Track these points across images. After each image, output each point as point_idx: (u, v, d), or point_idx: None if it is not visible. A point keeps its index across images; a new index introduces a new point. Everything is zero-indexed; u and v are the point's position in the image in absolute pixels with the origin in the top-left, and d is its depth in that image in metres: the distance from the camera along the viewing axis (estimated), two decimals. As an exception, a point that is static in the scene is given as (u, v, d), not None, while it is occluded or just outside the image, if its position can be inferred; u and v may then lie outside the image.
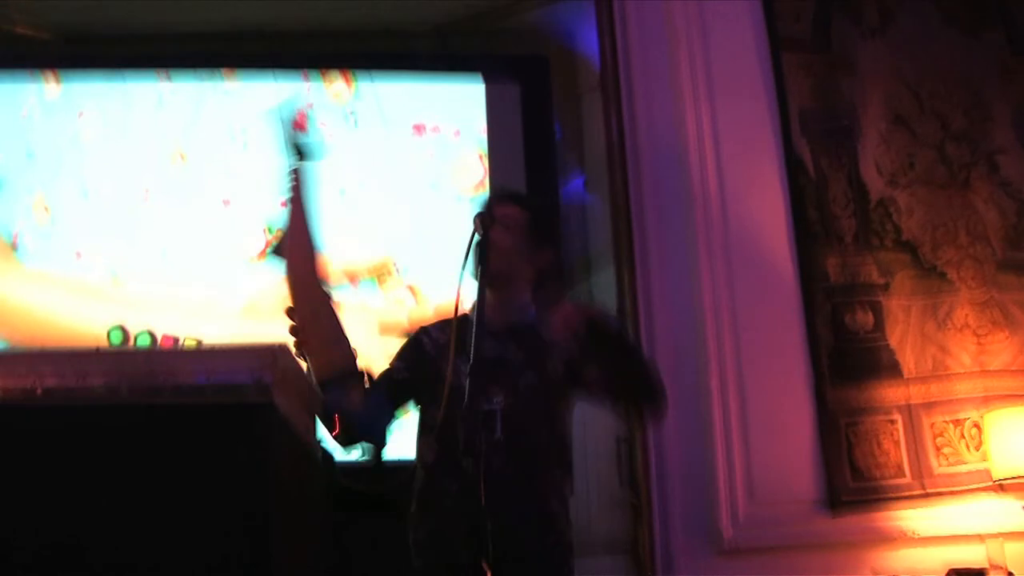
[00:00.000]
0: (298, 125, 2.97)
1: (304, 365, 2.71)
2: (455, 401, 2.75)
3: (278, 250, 2.91)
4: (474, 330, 2.52)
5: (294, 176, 2.93)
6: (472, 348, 2.49)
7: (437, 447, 2.90)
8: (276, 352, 1.96)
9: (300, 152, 2.95)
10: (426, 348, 3.13)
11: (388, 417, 2.91)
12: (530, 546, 2.85)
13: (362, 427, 2.73)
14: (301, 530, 2.16)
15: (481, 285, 2.67)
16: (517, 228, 3.09)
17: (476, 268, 2.74)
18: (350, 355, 2.85)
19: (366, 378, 2.88)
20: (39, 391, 2.03)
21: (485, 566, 2.26)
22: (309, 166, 2.95)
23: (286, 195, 2.92)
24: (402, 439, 3.02)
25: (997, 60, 4.92)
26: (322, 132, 3.04)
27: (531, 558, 2.84)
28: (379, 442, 2.76)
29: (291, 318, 2.77)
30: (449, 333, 3.09)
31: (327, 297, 2.85)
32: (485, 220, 2.74)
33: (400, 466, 3.07)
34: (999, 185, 4.77)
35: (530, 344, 3.06)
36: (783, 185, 4.69)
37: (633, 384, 3.00)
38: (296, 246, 2.86)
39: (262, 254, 4.82)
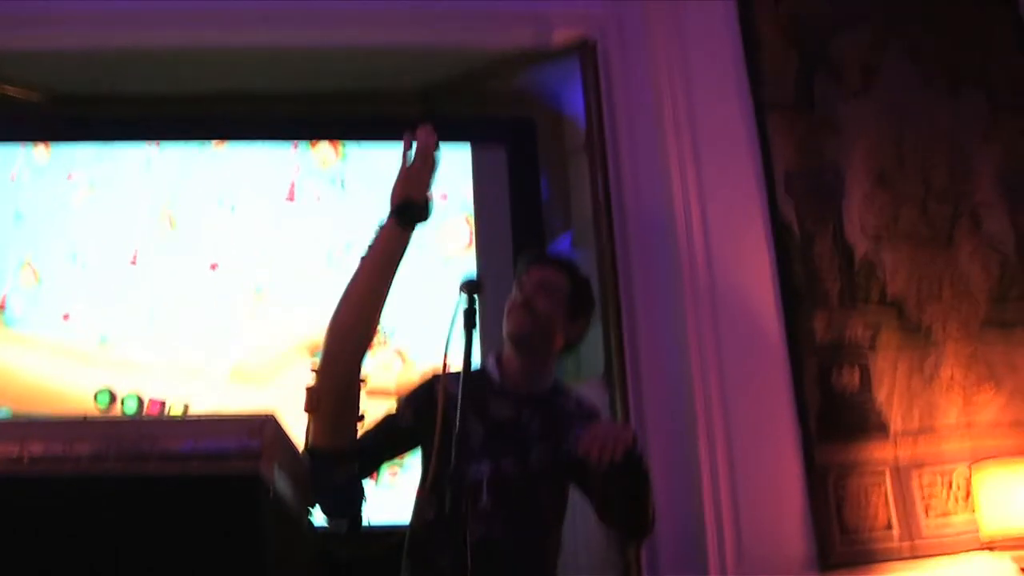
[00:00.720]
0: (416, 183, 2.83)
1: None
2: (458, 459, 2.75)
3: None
4: (459, 401, 2.51)
5: (387, 234, 2.83)
6: (457, 419, 2.48)
7: (436, 504, 2.88)
8: (264, 422, 1.97)
9: (408, 212, 2.85)
10: (435, 399, 3.07)
11: (361, 491, 2.81)
12: None
13: (336, 505, 2.69)
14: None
15: (467, 352, 2.66)
16: (559, 295, 3.12)
17: (464, 334, 2.70)
18: (352, 435, 2.80)
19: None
20: (26, 459, 2.03)
21: None
22: (410, 233, 2.86)
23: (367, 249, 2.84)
24: (384, 502, 3.01)
25: (978, 118, 4.98)
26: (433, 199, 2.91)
27: None
28: (352, 518, 2.72)
29: (315, 376, 2.73)
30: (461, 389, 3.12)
31: (358, 375, 2.80)
32: (472, 287, 2.74)
33: (385, 531, 3.03)
34: (982, 240, 4.81)
35: (547, 416, 3.06)
36: (769, 245, 4.71)
37: (634, 517, 3.02)
38: (357, 311, 2.78)
39: (251, 314, 4.83)
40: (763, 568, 4.36)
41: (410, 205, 2.89)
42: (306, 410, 2.67)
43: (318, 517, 2.75)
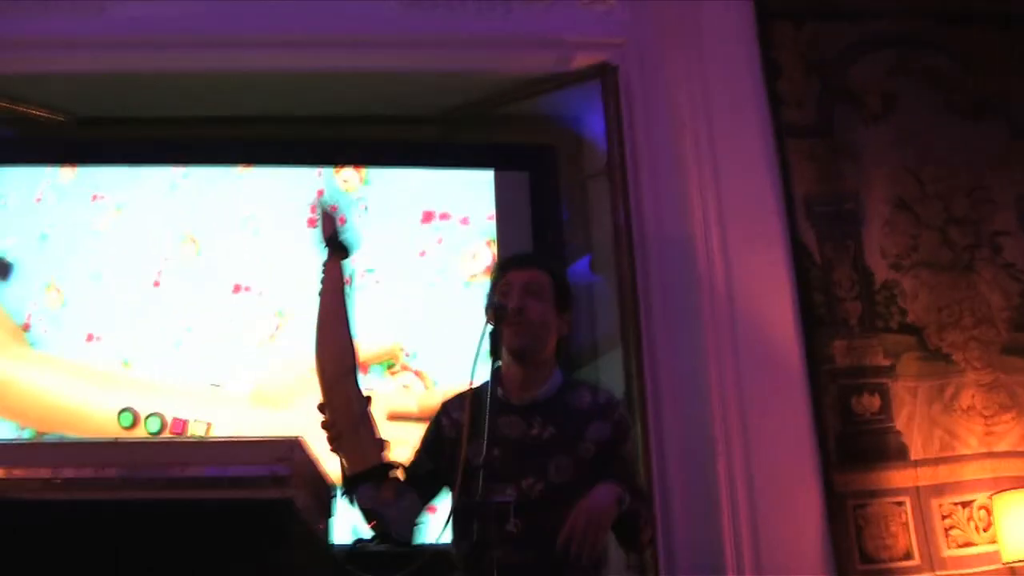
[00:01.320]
0: (332, 221, 3.02)
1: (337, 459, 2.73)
2: (474, 486, 2.75)
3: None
4: (487, 423, 2.52)
5: (329, 270, 2.95)
6: (485, 439, 2.48)
7: (465, 536, 2.82)
8: (292, 445, 1.98)
9: (336, 247, 2.97)
10: (445, 432, 3.08)
11: (418, 513, 2.84)
12: None
13: (395, 526, 2.68)
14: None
15: (493, 379, 2.66)
16: (546, 295, 3.08)
17: (490, 357, 2.72)
18: (381, 451, 2.82)
19: (400, 471, 2.86)
20: (58, 480, 2.05)
21: None
22: (345, 261, 2.98)
23: (319, 289, 2.94)
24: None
25: (998, 145, 4.98)
26: (356, 227, 3.06)
27: None
28: (407, 541, 2.72)
29: (323, 413, 2.75)
30: (467, 410, 3.09)
31: (360, 393, 2.83)
32: (499, 312, 2.75)
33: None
34: (1002, 267, 4.81)
35: (559, 419, 3.00)
36: (788, 269, 4.72)
37: (627, 544, 3.06)
38: (330, 341, 2.85)
39: (272, 337, 4.85)
40: (783, 594, 4.36)
41: (331, 240, 3.04)
42: (332, 449, 2.70)
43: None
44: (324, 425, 2.72)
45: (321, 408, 2.75)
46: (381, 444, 2.83)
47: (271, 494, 1.92)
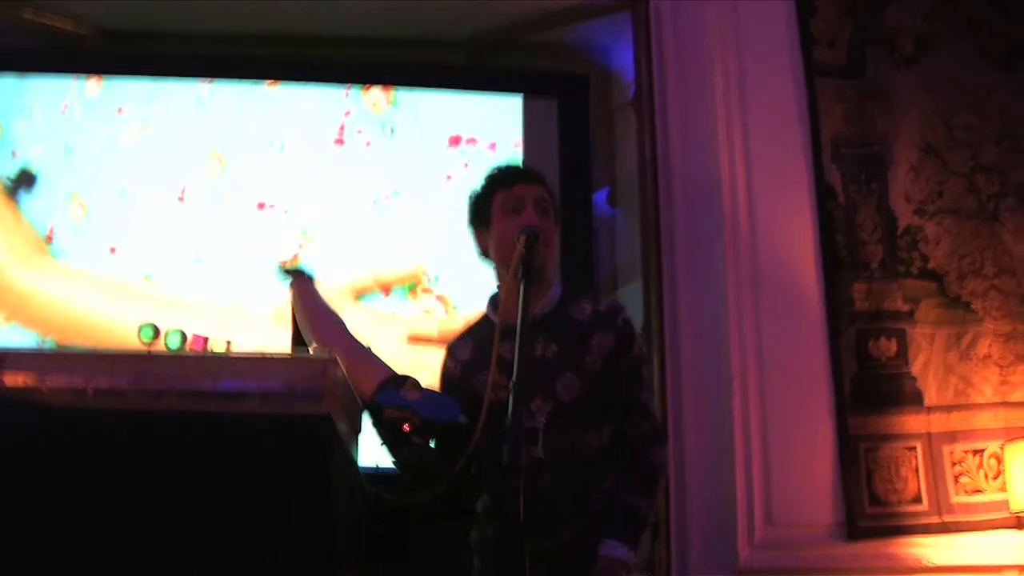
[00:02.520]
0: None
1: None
2: (495, 416, 2.74)
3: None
4: (517, 350, 2.50)
5: (298, 287, 3.13)
6: (516, 361, 2.46)
7: (488, 466, 2.82)
8: (327, 363, 1.98)
9: (297, 274, 3.20)
10: (452, 373, 3.07)
11: (449, 403, 2.78)
12: (590, 568, 2.77)
13: (433, 413, 2.64)
14: (352, 545, 2.18)
15: (525, 301, 2.63)
16: (551, 212, 3.03)
17: (520, 282, 2.66)
18: (386, 367, 2.83)
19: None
20: (90, 392, 2.05)
21: None
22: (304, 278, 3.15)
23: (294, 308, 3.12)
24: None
25: (1032, 95, 4.94)
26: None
27: None
28: (455, 424, 2.67)
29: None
30: (470, 342, 3.07)
31: (359, 342, 2.86)
32: (531, 237, 2.73)
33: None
34: (1028, 219, 4.78)
35: (561, 335, 2.93)
36: (812, 210, 4.71)
37: None
38: (320, 334, 2.90)
39: (296, 256, 4.86)
40: (791, 532, 4.40)
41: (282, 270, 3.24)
42: None
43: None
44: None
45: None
46: (381, 363, 2.84)
47: (307, 410, 1.93)
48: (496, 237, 2.98)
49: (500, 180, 3.06)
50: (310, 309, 3.00)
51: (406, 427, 2.58)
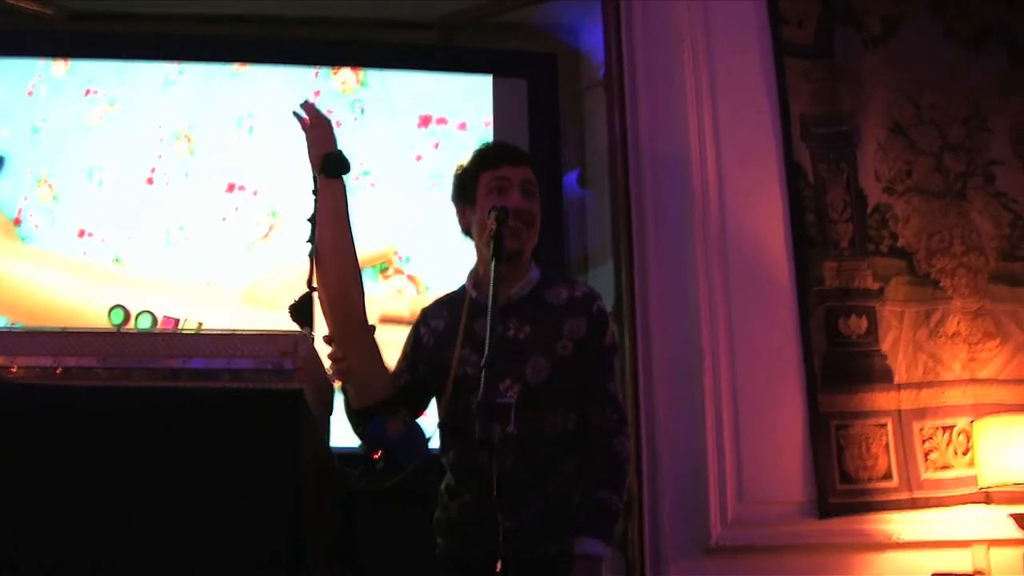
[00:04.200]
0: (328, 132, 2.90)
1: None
2: (462, 392, 2.75)
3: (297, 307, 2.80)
4: (489, 322, 2.49)
5: (325, 193, 2.84)
6: (488, 339, 2.46)
7: (453, 443, 2.84)
8: (297, 339, 1.98)
9: (333, 165, 2.87)
10: (424, 340, 3.05)
11: (424, 442, 2.77)
12: (547, 549, 2.80)
13: (403, 455, 2.63)
14: (322, 521, 2.18)
15: (495, 278, 2.63)
16: (536, 193, 3.01)
17: (492, 259, 2.66)
18: (388, 383, 2.79)
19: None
20: (58, 370, 2.04)
21: (498, 565, 2.25)
22: (341, 182, 2.86)
23: (315, 214, 2.84)
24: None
25: (997, 73, 4.96)
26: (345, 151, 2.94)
27: (546, 561, 2.78)
28: (422, 463, 2.69)
29: (329, 345, 2.67)
30: (445, 314, 3.05)
31: (367, 323, 2.79)
32: (501, 215, 2.72)
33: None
34: (994, 196, 4.81)
35: (535, 318, 2.93)
36: (782, 188, 4.73)
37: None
38: (335, 273, 2.76)
39: (265, 237, 4.84)
40: (763, 510, 4.42)
41: (330, 158, 2.94)
42: (340, 381, 2.67)
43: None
44: (332, 356, 2.66)
45: (328, 340, 2.68)
46: (387, 376, 2.81)
47: (278, 387, 1.92)
48: (479, 216, 2.97)
49: (487, 159, 3.05)
50: (331, 251, 2.79)
51: (375, 456, 2.61)
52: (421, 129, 5.02)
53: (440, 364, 2.90)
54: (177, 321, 2.63)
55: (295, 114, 3.02)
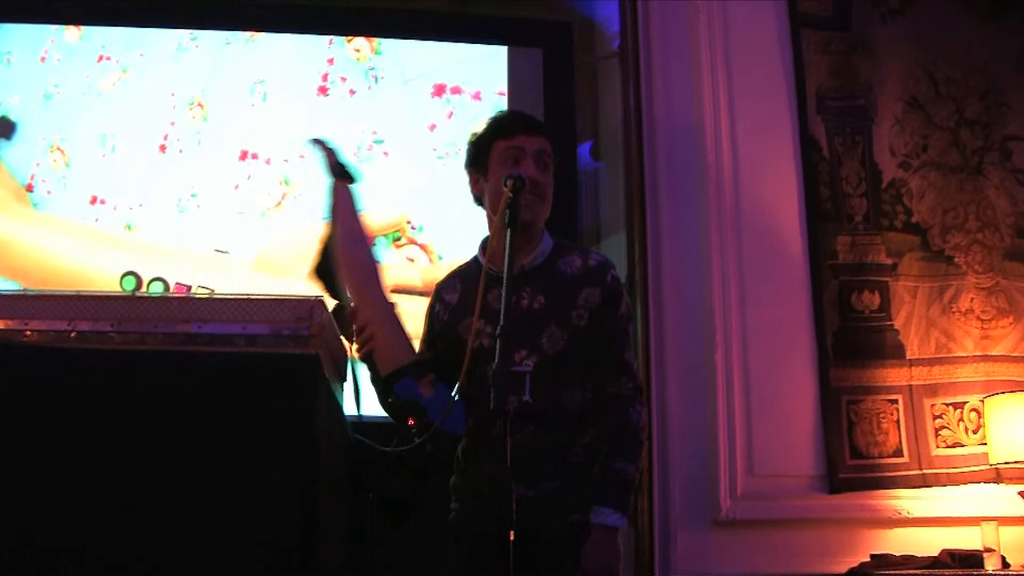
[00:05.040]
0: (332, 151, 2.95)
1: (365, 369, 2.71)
2: (477, 363, 2.73)
3: (321, 268, 2.85)
4: (504, 291, 2.48)
5: (339, 193, 2.88)
6: (503, 308, 2.45)
7: (471, 412, 2.78)
8: (313, 305, 1.96)
9: (342, 173, 2.93)
10: (439, 316, 3.03)
11: (455, 407, 2.71)
12: (567, 519, 2.78)
13: (439, 418, 2.59)
14: (336, 487, 2.17)
15: (512, 246, 2.62)
16: (550, 164, 2.99)
17: (506, 228, 2.63)
18: (413, 350, 2.78)
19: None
20: (72, 334, 2.04)
21: (511, 536, 2.25)
22: (351, 186, 2.92)
23: (330, 210, 2.88)
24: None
25: (1015, 47, 4.92)
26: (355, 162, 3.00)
27: (566, 531, 2.77)
28: (454, 434, 2.67)
29: (352, 320, 2.68)
30: (458, 285, 3.02)
31: (387, 298, 2.78)
32: (517, 184, 2.70)
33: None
34: (1011, 172, 4.80)
35: (549, 288, 2.90)
36: (796, 162, 4.72)
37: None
38: (353, 257, 2.79)
39: (278, 205, 4.83)
40: (773, 484, 4.42)
41: (344, 165, 2.99)
42: (362, 353, 2.67)
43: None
44: (355, 329, 2.66)
45: (351, 314, 2.68)
46: (410, 345, 2.80)
47: (294, 352, 1.91)
48: (492, 185, 2.95)
49: (502, 128, 3.01)
50: (346, 242, 2.82)
51: (411, 422, 2.59)
52: (435, 98, 5.00)
53: (456, 337, 2.88)
54: (189, 288, 2.63)
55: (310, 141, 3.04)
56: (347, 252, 2.78)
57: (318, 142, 2.97)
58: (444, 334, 2.99)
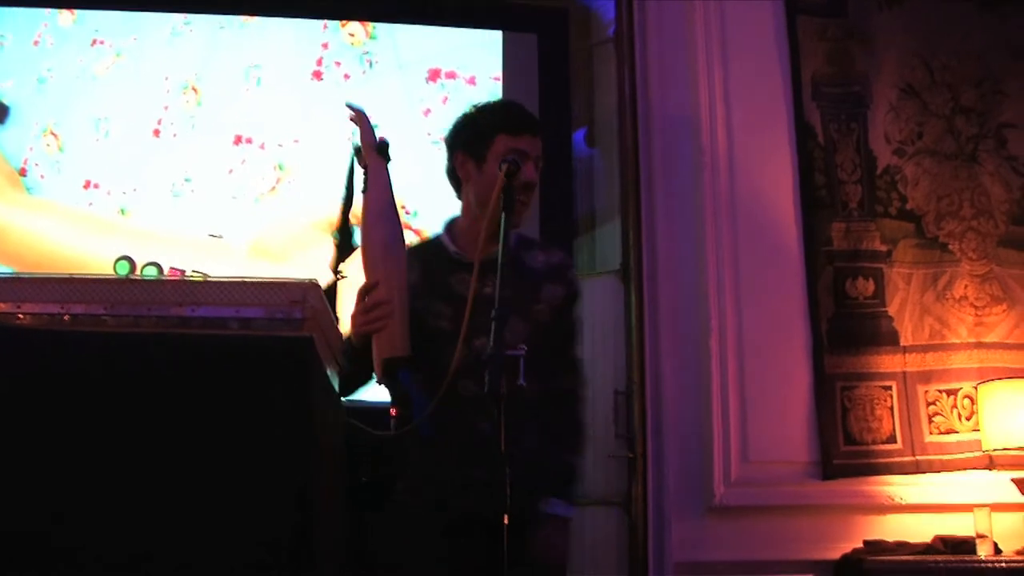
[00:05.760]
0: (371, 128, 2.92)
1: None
2: (436, 345, 2.76)
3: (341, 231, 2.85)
4: (499, 276, 2.49)
5: (375, 171, 2.87)
6: (497, 290, 2.46)
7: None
8: (307, 288, 1.96)
9: (382, 152, 2.93)
10: None
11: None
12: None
13: (421, 417, 2.61)
14: (331, 472, 2.17)
15: (506, 230, 2.62)
16: (540, 163, 3.03)
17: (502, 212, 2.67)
18: (409, 344, 2.76)
19: None
20: (65, 317, 2.03)
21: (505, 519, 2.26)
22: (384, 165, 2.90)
23: (365, 186, 2.86)
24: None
25: (1011, 35, 4.92)
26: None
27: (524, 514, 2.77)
28: (426, 435, 2.67)
29: (367, 292, 2.68)
30: (417, 268, 2.98)
31: (406, 284, 2.77)
32: (511, 169, 2.71)
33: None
34: (1006, 160, 4.80)
35: (515, 280, 2.84)
36: (792, 149, 4.72)
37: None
38: (381, 234, 2.75)
39: (272, 190, 4.82)
40: (767, 470, 4.44)
41: (384, 143, 2.95)
42: (375, 327, 2.66)
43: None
44: (369, 303, 2.66)
45: (368, 286, 2.68)
46: (409, 339, 2.80)
47: (288, 335, 1.91)
48: (487, 178, 2.95)
49: (508, 123, 3.03)
50: (375, 217, 2.78)
51: (393, 411, 2.61)
52: (430, 83, 4.99)
53: (417, 316, 2.84)
54: (183, 273, 2.62)
55: (348, 104, 3.02)
56: (374, 227, 2.75)
57: (359, 115, 2.94)
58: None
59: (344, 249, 2.82)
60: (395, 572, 2.91)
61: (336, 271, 2.78)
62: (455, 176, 3.11)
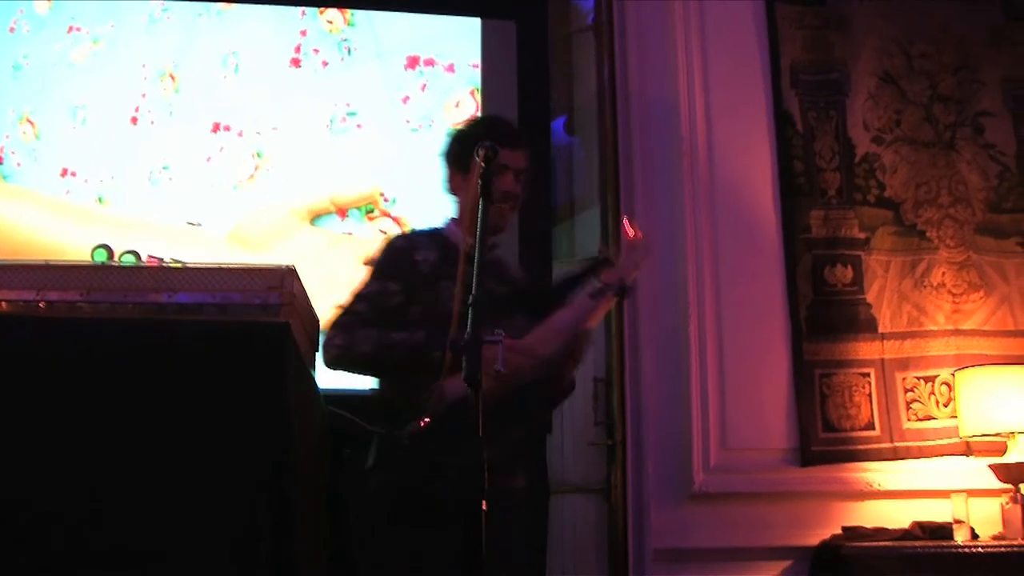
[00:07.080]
0: None
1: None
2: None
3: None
4: (476, 259, 2.49)
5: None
6: (474, 278, 2.46)
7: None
8: (284, 274, 1.96)
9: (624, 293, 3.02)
10: (420, 267, 3.03)
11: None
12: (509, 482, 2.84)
13: (445, 438, 2.58)
14: (309, 458, 2.17)
15: (484, 214, 2.62)
16: (525, 175, 3.11)
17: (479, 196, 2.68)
18: None
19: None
20: (42, 304, 2.02)
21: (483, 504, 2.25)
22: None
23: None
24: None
25: (989, 25, 4.94)
26: None
27: (508, 498, 2.80)
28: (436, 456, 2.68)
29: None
30: (434, 248, 3.05)
31: None
32: (489, 153, 2.71)
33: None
34: (983, 147, 4.82)
35: (509, 281, 3.07)
36: (770, 136, 4.73)
37: None
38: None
39: (251, 178, 4.80)
40: (746, 457, 4.45)
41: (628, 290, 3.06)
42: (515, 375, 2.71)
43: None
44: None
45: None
46: None
47: (265, 321, 1.90)
48: (472, 185, 2.94)
49: (490, 136, 2.96)
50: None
51: (424, 422, 2.60)
52: (408, 70, 4.96)
53: (435, 296, 2.91)
54: (161, 261, 2.60)
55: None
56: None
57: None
58: (425, 288, 2.99)
59: None
60: (371, 548, 2.88)
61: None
62: (451, 191, 3.20)
